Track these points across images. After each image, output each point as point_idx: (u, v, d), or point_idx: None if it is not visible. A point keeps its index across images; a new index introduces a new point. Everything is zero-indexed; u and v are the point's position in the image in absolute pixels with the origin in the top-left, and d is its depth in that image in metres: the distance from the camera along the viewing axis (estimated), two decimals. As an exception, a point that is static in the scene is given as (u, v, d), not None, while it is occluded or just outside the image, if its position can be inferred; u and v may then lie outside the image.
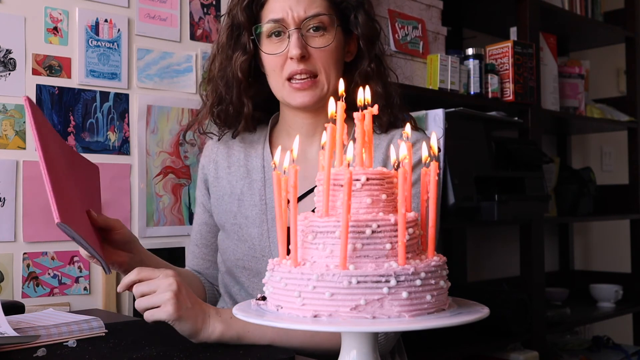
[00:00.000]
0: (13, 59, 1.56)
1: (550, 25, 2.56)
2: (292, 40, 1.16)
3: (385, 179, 0.79)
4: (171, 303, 0.98)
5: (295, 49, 1.15)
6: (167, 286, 0.99)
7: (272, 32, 1.19)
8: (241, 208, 1.26)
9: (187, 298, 1.01)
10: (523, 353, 2.14)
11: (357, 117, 0.82)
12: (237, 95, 1.23)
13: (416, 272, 0.73)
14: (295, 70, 1.17)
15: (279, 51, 1.18)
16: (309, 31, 1.18)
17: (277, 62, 1.19)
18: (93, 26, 1.67)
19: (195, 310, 1.01)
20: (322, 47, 1.18)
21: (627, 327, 2.99)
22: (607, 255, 3.34)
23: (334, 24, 1.20)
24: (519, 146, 2.23)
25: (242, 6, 1.20)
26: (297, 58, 1.15)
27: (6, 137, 1.54)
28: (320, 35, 1.18)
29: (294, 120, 1.27)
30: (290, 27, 1.17)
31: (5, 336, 0.99)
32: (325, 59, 1.18)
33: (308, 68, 1.17)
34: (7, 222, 1.52)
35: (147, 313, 1.00)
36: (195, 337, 1.01)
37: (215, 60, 1.25)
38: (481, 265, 2.76)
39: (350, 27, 1.24)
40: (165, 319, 0.99)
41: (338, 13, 1.21)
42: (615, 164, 3.43)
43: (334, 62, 1.20)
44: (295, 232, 0.77)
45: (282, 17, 1.17)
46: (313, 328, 0.71)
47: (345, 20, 1.23)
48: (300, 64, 1.16)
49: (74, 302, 1.60)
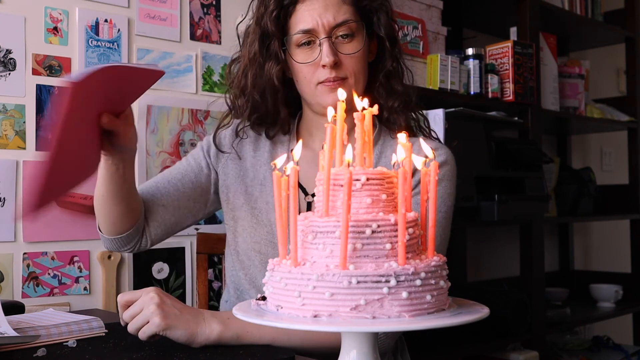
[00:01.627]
0: (13, 59, 1.56)
1: (550, 25, 2.56)
2: (324, 49, 1.18)
3: (385, 179, 0.79)
4: (156, 314, 1.00)
5: (328, 56, 1.17)
6: (149, 300, 1.02)
7: (303, 42, 1.21)
8: (263, 194, 1.27)
9: (172, 307, 1.02)
10: (523, 353, 2.14)
11: (357, 117, 0.82)
12: (273, 103, 1.25)
13: (416, 272, 0.73)
14: (328, 78, 1.19)
15: (310, 60, 1.20)
16: (338, 38, 1.20)
17: (309, 69, 1.21)
18: (93, 26, 1.67)
19: (184, 316, 1.02)
20: (352, 54, 1.20)
21: (627, 327, 2.99)
22: (607, 255, 3.34)
23: (362, 30, 1.22)
24: (519, 146, 2.23)
25: (270, 16, 1.21)
26: (330, 66, 1.18)
27: (6, 137, 1.54)
28: (349, 42, 1.20)
29: (317, 122, 1.28)
30: (320, 36, 1.19)
31: (5, 336, 0.99)
32: (354, 64, 1.21)
33: (339, 75, 1.19)
34: (7, 222, 1.52)
35: (139, 332, 1.02)
36: (193, 341, 1.02)
37: (248, 71, 1.25)
38: (481, 265, 2.76)
39: (373, 29, 1.26)
40: (155, 331, 1.00)
41: (363, 16, 1.24)
42: (615, 164, 3.43)
43: (362, 66, 1.23)
44: (295, 232, 0.77)
45: (312, 27, 1.19)
46: (313, 328, 0.71)
47: (368, 22, 1.25)
48: (332, 71, 1.18)
49: (74, 302, 1.60)
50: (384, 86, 1.27)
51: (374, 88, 1.27)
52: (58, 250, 1.59)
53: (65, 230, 1.60)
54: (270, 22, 1.21)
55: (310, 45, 1.21)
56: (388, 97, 1.26)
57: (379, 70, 1.28)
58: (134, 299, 1.04)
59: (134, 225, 1.25)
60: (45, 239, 1.58)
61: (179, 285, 1.81)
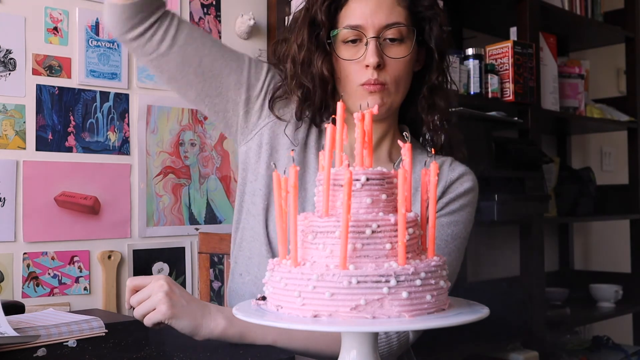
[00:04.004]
0: (13, 59, 1.56)
1: (550, 25, 2.56)
2: (369, 48, 1.14)
3: (385, 179, 0.79)
4: (163, 302, 0.99)
5: (373, 57, 1.13)
6: (159, 288, 1.01)
7: (349, 40, 1.17)
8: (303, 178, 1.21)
9: (180, 297, 1.02)
10: (523, 353, 2.14)
11: (357, 117, 0.82)
12: (322, 95, 1.20)
13: (416, 272, 0.73)
14: (370, 80, 1.15)
15: (354, 58, 1.16)
16: (386, 40, 1.16)
17: (352, 67, 1.17)
18: (93, 26, 1.67)
19: (191, 307, 1.01)
20: (398, 58, 1.16)
21: (627, 327, 2.99)
22: (607, 255, 3.34)
23: (412, 36, 1.18)
24: (519, 146, 2.23)
25: (322, 6, 1.17)
26: (373, 66, 1.13)
27: (6, 137, 1.54)
28: (397, 45, 1.16)
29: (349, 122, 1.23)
30: (368, 34, 1.14)
31: (5, 336, 0.99)
32: (399, 70, 1.17)
33: (380, 79, 1.15)
34: (7, 222, 1.52)
35: (145, 318, 1.01)
36: (196, 333, 1.01)
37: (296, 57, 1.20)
38: (481, 265, 2.76)
39: (424, 38, 1.22)
40: (161, 319, 0.99)
41: (415, 23, 1.19)
42: (615, 164, 3.43)
43: (406, 73, 1.19)
44: (295, 232, 0.77)
45: (361, 24, 1.14)
46: (313, 328, 0.71)
47: (420, 30, 1.21)
48: (375, 72, 1.14)
49: (74, 302, 1.60)
50: (427, 99, 1.23)
51: (417, 100, 1.24)
52: (58, 250, 1.59)
53: (65, 230, 1.60)
54: (321, 12, 1.17)
55: (357, 44, 1.16)
56: (429, 111, 1.23)
57: (424, 83, 1.24)
58: (144, 284, 1.03)
59: None
60: (45, 239, 1.58)
61: (179, 285, 1.81)
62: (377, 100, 1.16)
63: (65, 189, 1.61)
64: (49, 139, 1.60)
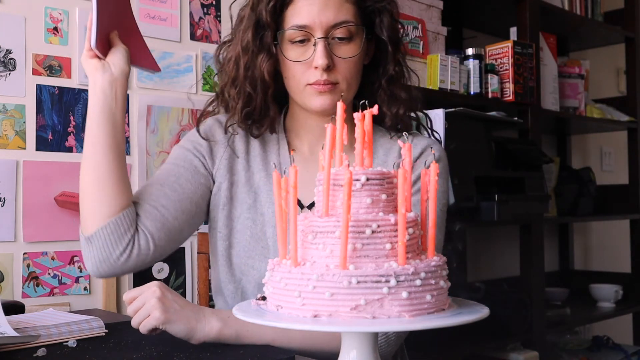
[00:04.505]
0: (13, 59, 1.56)
1: (550, 25, 2.56)
2: (318, 50, 1.11)
3: (385, 179, 0.79)
4: (156, 308, 1.00)
5: (321, 58, 1.10)
6: (151, 294, 1.02)
7: (297, 40, 1.14)
8: (257, 202, 1.21)
9: (173, 301, 1.02)
10: (523, 353, 2.14)
11: (357, 117, 0.82)
12: (263, 98, 1.18)
13: (416, 272, 0.73)
14: (318, 80, 1.12)
15: (303, 58, 1.13)
16: (334, 39, 1.13)
17: (299, 67, 1.14)
18: (93, 26, 1.67)
19: (185, 311, 1.02)
20: (347, 58, 1.14)
21: (627, 327, 2.99)
22: (607, 255, 3.34)
23: (361, 33, 1.15)
24: (519, 146, 2.23)
25: (267, 5, 1.14)
26: (322, 68, 1.11)
27: (6, 137, 1.54)
28: (345, 44, 1.13)
29: (305, 121, 1.23)
30: (316, 35, 1.11)
31: (5, 336, 0.99)
32: (348, 69, 1.14)
33: (330, 79, 1.13)
34: (7, 222, 1.52)
35: (140, 326, 1.02)
36: (192, 337, 1.02)
37: (240, 60, 1.18)
38: (481, 265, 2.76)
39: (375, 31, 1.19)
40: (155, 324, 1.00)
41: (365, 18, 1.17)
42: (615, 164, 3.43)
43: (356, 70, 1.17)
44: (295, 232, 0.77)
45: (308, 23, 1.11)
46: (313, 328, 0.71)
47: (370, 24, 1.18)
48: (324, 74, 1.12)
49: (74, 302, 1.60)
50: (385, 91, 1.21)
51: (375, 93, 1.22)
52: (58, 250, 1.59)
53: (65, 230, 1.60)
54: (266, 12, 1.13)
55: (304, 43, 1.14)
56: (391, 103, 1.21)
57: (380, 75, 1.22)
58: (137, 295, 1.04)
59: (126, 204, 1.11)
60: (45, 239, 1.58)
61: (179, 285, 1.81)
62: (328, 100, 1.14)
63: (65, 189, 1.61)
64: (49, 139, 1.60)
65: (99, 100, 1.10)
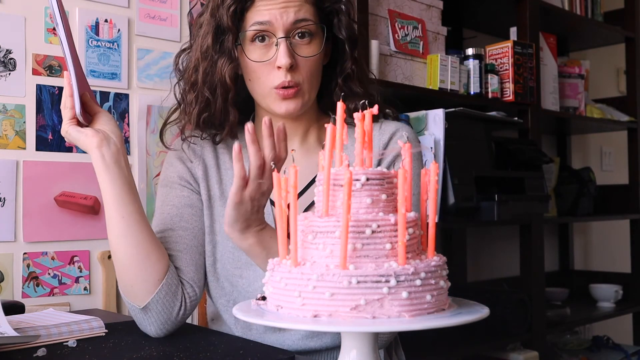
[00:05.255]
0: (13, 59, 1.56)
1: (550, 25, 2.56)
2: (280, 49, 1.12)
3: (385, 179, 0.79)
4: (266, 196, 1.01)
5: (284, 58, 1.11)
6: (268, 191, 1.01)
7: (257, 37, 1.14)
8: None
9: None
10: (523, 353, 2.14)
11: (357, 117, 0.82)
12: (222, 103, 1.18)
13: (416, 272, 0.73)
14: (283, 82, 1.13)
15: (264, 59, 1.14)
16: (296, 38, 1.14)
17: (262, 69, 1.15)
18: (93, 26, 1.67)
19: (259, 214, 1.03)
20: (310, 57, 1.15)
21: (627, 327, 2.99)
22: (607, 255, 3.34)
23: (322, 33, 1.17)
24: (519, 146, 2.23)
25: (227, 9, 1.14)
26: (285, 68, 1.12)
27: (6, 137, 1.54)
28: (307, 44, 1.15)
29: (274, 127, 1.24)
30: (278, 34, 1.12)
31: (5, 336, 0.99)
32: (310, 68, 1.15)
33: (294, 79, 1.13)
34: (7, 222, 1.52)
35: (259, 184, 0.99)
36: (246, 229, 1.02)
37: (199, 66, 1.18)
38: (481, 265, 2.76)
39: (333, 31, 1.21)
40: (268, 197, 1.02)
41: (323, 19, 1.19)
42: (615, 164, 3.43)
43: (317, 71, 1.18)
44: (295, 232, 0.77)
45: (270, 19, 1.12)
46: (313, 328, 0.71)
47: (328, 24, 1.20)
48: (287, 74, 1.12)
49: (74, 302, 1.60)
50: (342, 89, 1.22)
51: (332, 92, 1.23)
52: (58, 250, 1.59)
53: (65, 230, 1.60)
54: (227, 16, 1.14)
55: (266, 43, 1.14)
56: (348, 99, 1.21)
57: (337, 74, 1.23)
58: None
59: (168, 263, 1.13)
60: (45, 239, 1.58)
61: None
62: (293, 105, 1.15)
63: (65, 189, 1.61)
64: (49, 139, 1.60)
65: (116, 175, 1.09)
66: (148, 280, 1.10)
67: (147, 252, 1.10)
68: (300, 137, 1.25)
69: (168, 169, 1.27)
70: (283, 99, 1.15)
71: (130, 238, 1.10)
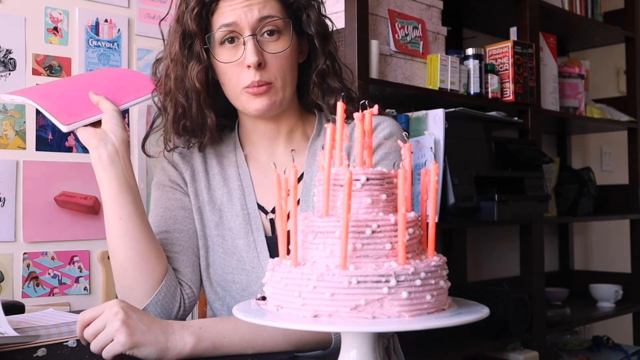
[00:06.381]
0: (13, 59, 1.56)
1: (550, 25, 2.56)
2: (248, 47, 1.11)
3: (385, 179, 0.79)
4: (121, 332, 0.91)
5: (252, 56, 1.10)
6: (114, 316, 0.93)
7: (225, 39, 1.14)
8: (223, 219, 1.21)
9: (139, 322, 0.93)
10: (523, 353, 2.14)
11: (357, 117, 0.82)
12: (198, 107, 1.18)
13: (416, 272, 0.73)
14: (253, 82, 1.12)
15: (234, 59, 1.13)
16: (264, 35, 1.13)
17: (233, 70, 1.14)
18: (93, 26, 1.67)
19: (153, 331, 0.94)
20: (278, 53, 1.14)
21: (627, 327, 2.99)
22: (607, 255, 3.34)
23: (289, 28, 1.15)
24: (519, 146, 2.23)
25: (192, 13, 1.13)
26: (254, 66, 1.11)
27: (6, 137, 1.54)
28: (275, 40, 1.14)
29: (255, 127, 1.23)
30: (244, 33, 1.12)
31: (5, 336, 0.99)
32: (281, 65, 1.14)
33: (264, 79, 1.13)
34: (7, 222, 1.52)
35: (104, 351, 0.92)
36: (164, 357, 0.94)
37: (170, 72, 1.18)
38: (481, 265, 2.76)
39: (303, 27, 1.20)
40: (121, 350, 0.91)
41: (290, 14, 1.18)
42: (615, 164, 3.43)
43: (289, 67, 1.16)
44: (295, 232, 0.77)
45: (235, 20, 1.12)
46: (313, 328, 0.71)
47: (297, 20, 1.19)
48: (257, 74, 1.11)
49: (74, 302, 1.60)
50: (318, 86, 1.21)
51: (309, 90, 1.22)
52: (58, 250, 1.59)
53: (65, 230, 1.60)
54: (192, 21, 1.14)
55: (234, 44, 1.13)
56: (326, 95, 1.21)
57: (312, 70, 1.21)
58: (96, 316, 0.95)
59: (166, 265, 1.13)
60: (45, 239, 1.58)
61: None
62: (265, 102, 1.14)
63: (65, 189, 1.61)
64: (49, 139, 1.60)
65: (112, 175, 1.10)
66: (147, 283, 1.10)
67: (146, 254, 1.10)
68: (285, 136, 1.24)
69: (160, 172, 1.28)
70: (255, 96, 1.14)
71: (129, 240, 1.10)
